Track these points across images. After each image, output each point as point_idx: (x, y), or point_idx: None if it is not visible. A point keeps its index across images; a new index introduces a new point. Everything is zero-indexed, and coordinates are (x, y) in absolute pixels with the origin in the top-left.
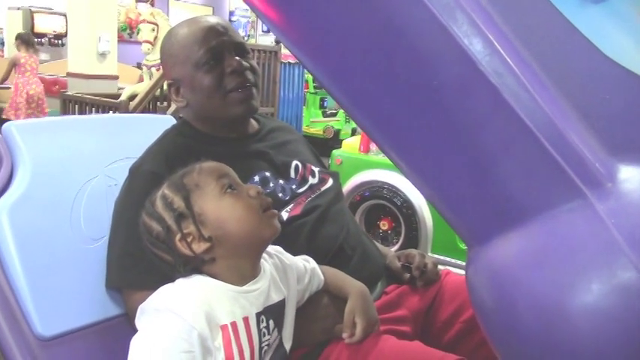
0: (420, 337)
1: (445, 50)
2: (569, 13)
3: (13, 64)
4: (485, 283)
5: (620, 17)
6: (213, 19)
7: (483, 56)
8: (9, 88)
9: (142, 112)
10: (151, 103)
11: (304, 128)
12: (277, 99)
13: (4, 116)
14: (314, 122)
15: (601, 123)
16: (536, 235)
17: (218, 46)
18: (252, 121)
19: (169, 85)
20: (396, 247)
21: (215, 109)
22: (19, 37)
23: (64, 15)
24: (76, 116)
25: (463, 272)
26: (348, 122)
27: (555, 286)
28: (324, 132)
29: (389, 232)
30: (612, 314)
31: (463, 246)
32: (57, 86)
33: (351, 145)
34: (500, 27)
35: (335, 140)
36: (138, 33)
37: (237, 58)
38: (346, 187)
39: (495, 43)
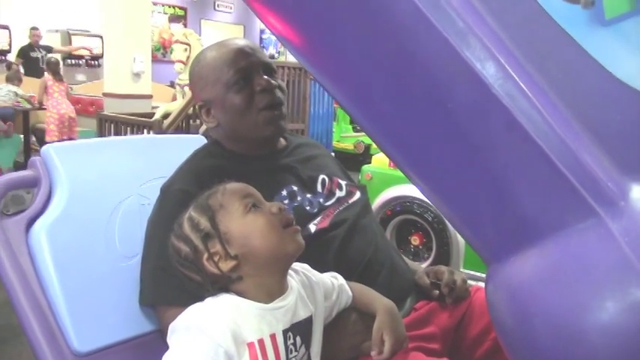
0: (450, 354)
1: (459, 74)
2: (579, 36)
3: (44, 86)
4: (504, 300)
5: (628, 40)
6: (241, 42)
7: (496, 79)
8: (44, 109)
9: (176, 130)
10: (183, 122)
11: (335, 143)
12: (307, 115)
13: (47, 138)
14: (344, 137)
15: (613, 143)
16: (551, 253)
17: (247, 67)
18: (280, 138)
19: (200, 107)
20: (428, 262)
21: (246, 127)
22: (47, 63)
23: (101, 37)
24: (111, 138)
25: None
26: None
27: (570, 304)
28: (354, 147)
29: (420, 247)
30: (627, 332)
31: None
32: (93, 106)
33: (381, 160)
34: (512, 51)
35: (365, 155)
36: (171, 53)
37: (265, 77)
38: (377, 202)
39: (507, 67)
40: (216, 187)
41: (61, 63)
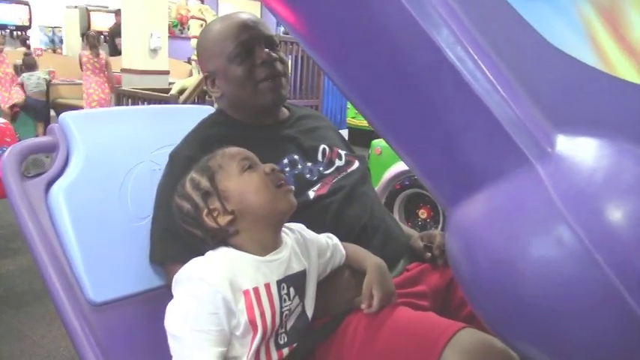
0: (439, 312)
1: (417, 40)
2: (519, 7)
3: (79, 62)
4: (456, 242)
5: (560, 10)
6: (244, 16)
7: (447, 44)
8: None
9: (192, 104)
10: (199, 97)
11: (349, 120)
12: (322, 91)
13: None
14: (359, 114)
15: (545, 100)
16: (492, 196)
17: (249, 40)
18: (283, 109)
19: (206, 78)
20: None
21: (247, 97)
22: (85, 36)
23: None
24: (125, 107)
25: None
26: None
27: (505, 239)
28: (369, 123)
29: (428, 220)
30: (550, 261)
31: None
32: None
33: None
34: (462, 20)
35: None
36: (188, 29)
37: (266, 50)
38: (386, 176)
39: (458, 34)
40: (215, 151)
41: (81, 39)
